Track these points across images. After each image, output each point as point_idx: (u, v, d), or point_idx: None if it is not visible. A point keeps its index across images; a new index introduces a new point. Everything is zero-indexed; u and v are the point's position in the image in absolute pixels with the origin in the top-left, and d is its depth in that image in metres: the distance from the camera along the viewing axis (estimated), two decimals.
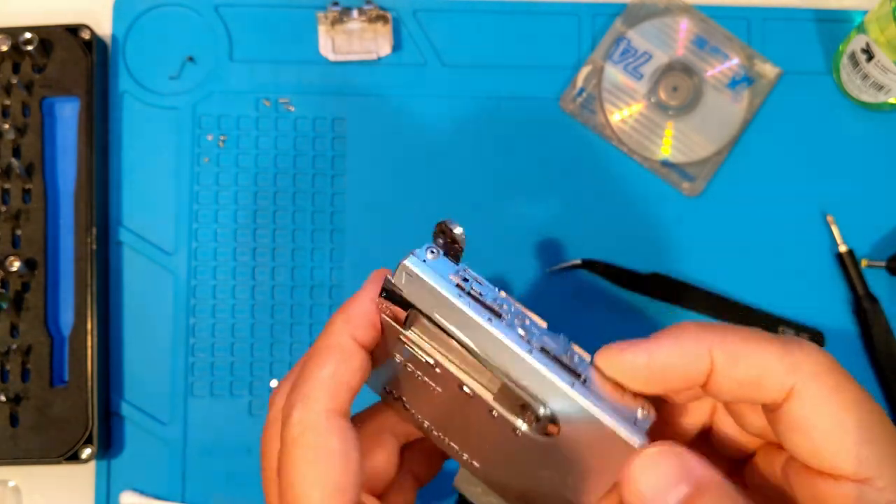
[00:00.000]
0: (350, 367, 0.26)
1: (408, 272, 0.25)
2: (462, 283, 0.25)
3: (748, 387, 0.24)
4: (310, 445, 0.25)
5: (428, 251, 0.26)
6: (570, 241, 0.47)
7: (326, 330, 0.27)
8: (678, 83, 0.47)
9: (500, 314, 0.25)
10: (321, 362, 0.26)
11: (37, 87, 0.45)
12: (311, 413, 0.25)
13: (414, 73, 0.48)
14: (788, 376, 0.24)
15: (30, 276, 0.44)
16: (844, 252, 0.46)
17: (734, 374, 0.24)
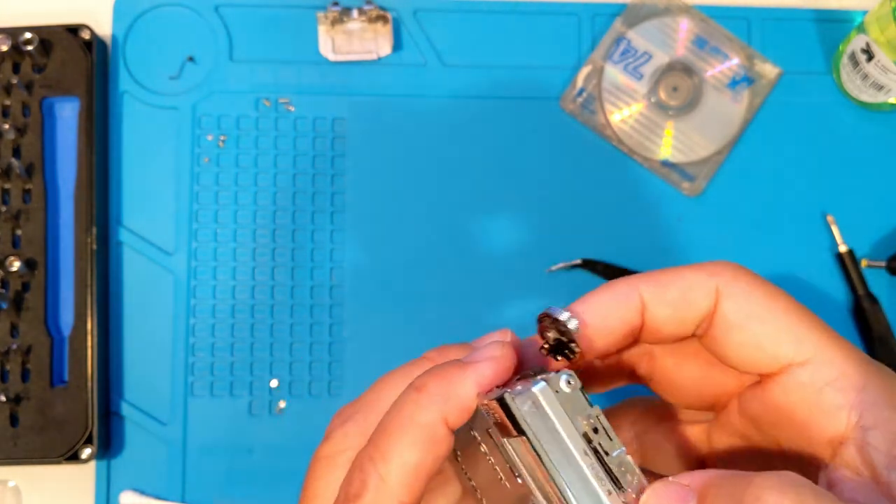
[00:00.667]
0: (436, 455, 0.23)
1: (535, 403, 0.23)
2: (591, 433, 0.23)
3: (679, 305, 0.25)
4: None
5: (566, 381, 0.23)
6: (570, 241, 0.47)
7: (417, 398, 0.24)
8: (678, 83, 0.47)
9: (620, 484, 0.22)
10: (406, 441, 0.23)
11: (37, 87, 0.45)
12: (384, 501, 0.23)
13: (414, 73, 0.48)
14: (711, 280, 0.25)
15: (30, 276, 0.44)
16: (844, 252, 0.46)
17: (663, 298, 0.25)
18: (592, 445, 0.22)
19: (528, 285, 0.46)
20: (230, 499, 0.45)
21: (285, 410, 0.45)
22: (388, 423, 0.24)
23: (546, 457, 0.22)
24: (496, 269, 0.46)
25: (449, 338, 0.46)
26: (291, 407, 0.45)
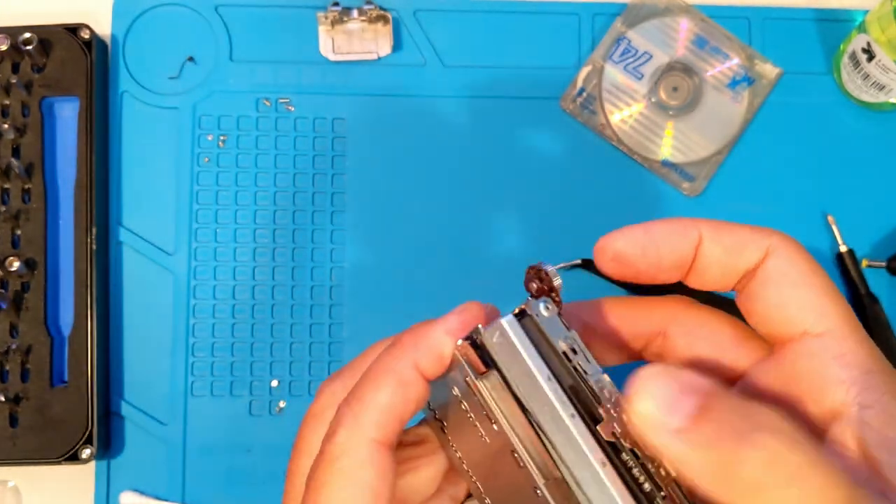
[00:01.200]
0: (406, 397, 0.25)
1: (503, 334, 0.23)
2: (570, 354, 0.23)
3: (732, 251, 0.27)
4: (345, 472, 0.25)
5: (544, 306, 0.24)
6: (570, 241, 0.46)
7: (392, 349, 0.26)
8: (678, 83, 0.47)
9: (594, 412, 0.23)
10: (379, 385, 0.25)
11: (36, 87, 0.45)
12: (355, 438, 0.25)
13: (414, 73, 0.48)
14: (766, 239, 0.27)
15: (29, 276, 0.44)
16: (845, 252, 0.46)
17: (721, 241, 0.27)
18: (572, 364, 0.23)
19: None
20: (230, 499, 0.45)
21: (285, 410, 0.45)
22: (365, 373, 0.26)
23: (515, 385, 0.23)
24: (496, 268, 0.46)
25: None
26: (291, 407, 0.45)
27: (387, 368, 0.26)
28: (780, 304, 0.26)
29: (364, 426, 0.25)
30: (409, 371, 0.25)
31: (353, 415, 0.25)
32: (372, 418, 0.25)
